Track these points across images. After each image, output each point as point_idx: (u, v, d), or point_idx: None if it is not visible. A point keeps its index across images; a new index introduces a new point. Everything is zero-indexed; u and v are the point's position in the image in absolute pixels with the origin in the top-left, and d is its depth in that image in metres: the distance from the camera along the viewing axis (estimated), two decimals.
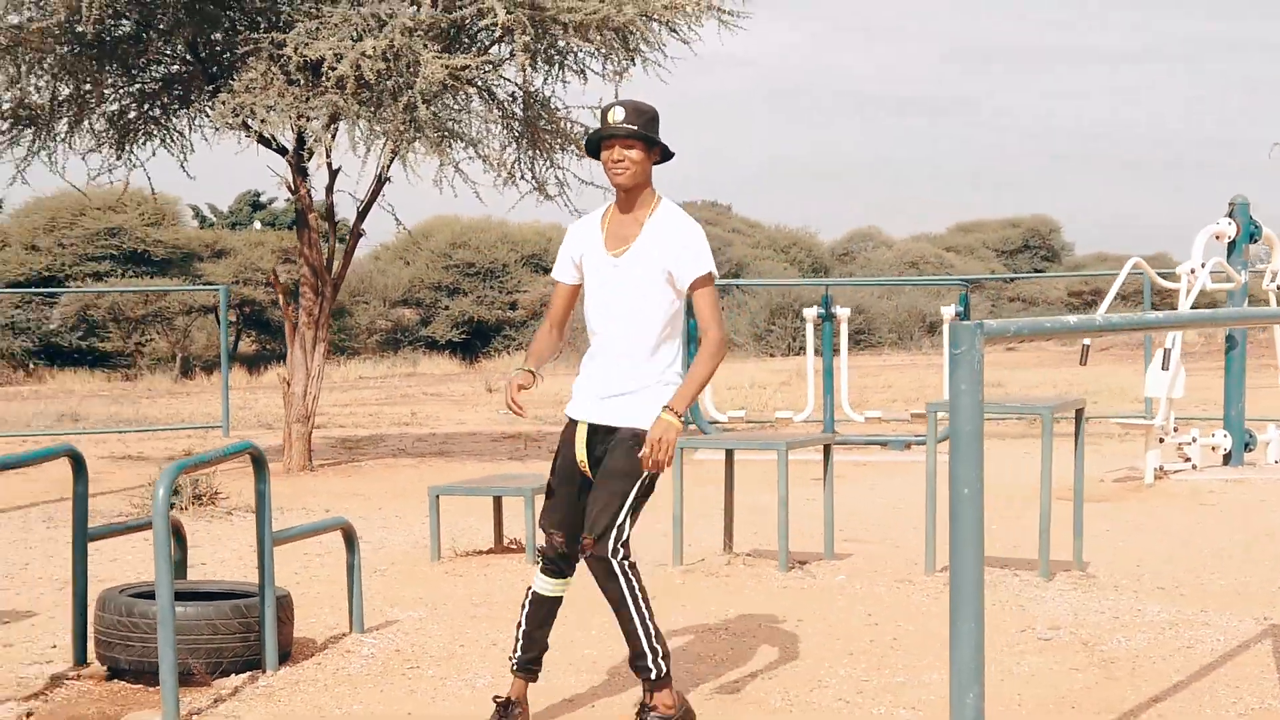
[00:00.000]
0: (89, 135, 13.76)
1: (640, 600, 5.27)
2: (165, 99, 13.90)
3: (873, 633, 6.78)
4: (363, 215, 13.98)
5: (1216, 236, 12.84)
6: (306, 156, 13.32)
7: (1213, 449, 12.52)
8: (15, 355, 30.33)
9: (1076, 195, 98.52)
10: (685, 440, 8.59)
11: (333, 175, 13.60)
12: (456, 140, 13.13)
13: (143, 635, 5.97)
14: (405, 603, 7.47)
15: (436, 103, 12.74)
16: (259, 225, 43.80)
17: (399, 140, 12.42)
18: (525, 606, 5.45)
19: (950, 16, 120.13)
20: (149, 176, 14.22)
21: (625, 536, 5.24)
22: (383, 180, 13.61)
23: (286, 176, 13.59)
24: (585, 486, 5.36)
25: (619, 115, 5.29)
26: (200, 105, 13.72)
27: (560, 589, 5.43)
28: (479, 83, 13.27)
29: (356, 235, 14.10)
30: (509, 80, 13.62)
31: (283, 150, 13.49)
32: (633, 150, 5.29)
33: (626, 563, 5.23)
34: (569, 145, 13.85)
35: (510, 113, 13.69)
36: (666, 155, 5.41)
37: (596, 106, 13.58)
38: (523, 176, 13.88)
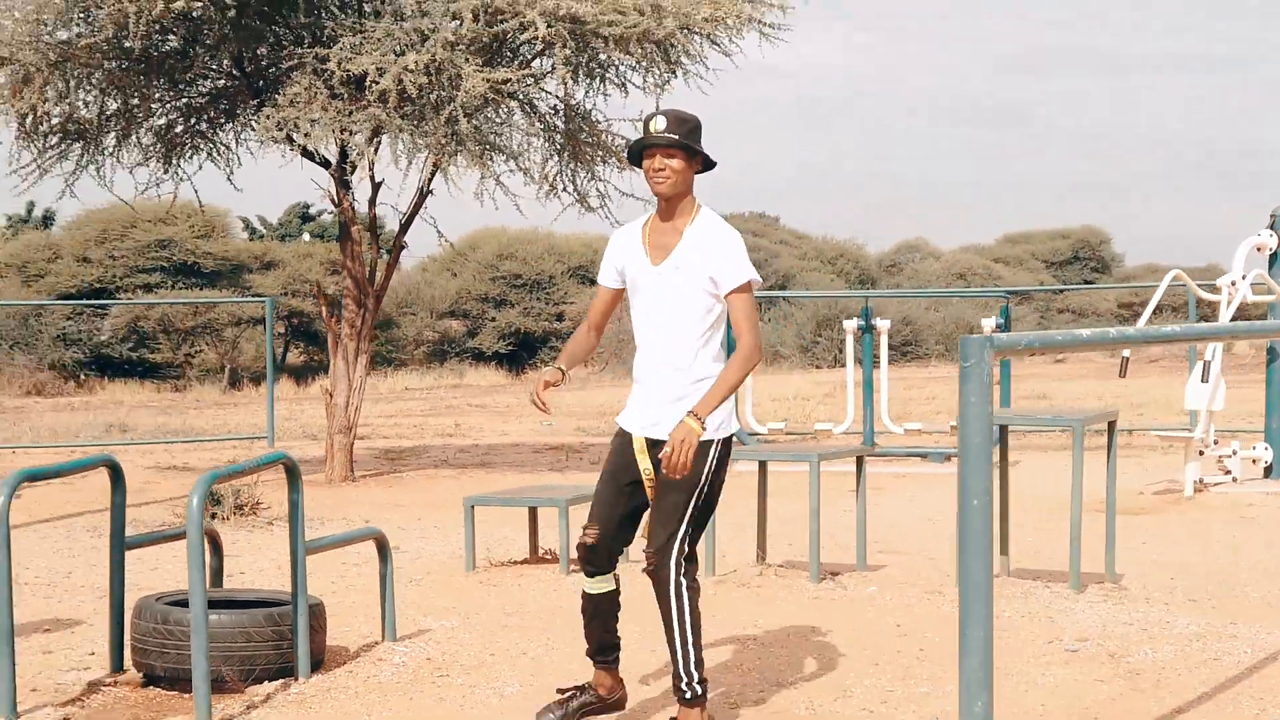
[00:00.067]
0: (136, 149, 13.94)
1: (689, 623, 5.33)
2: (211, 113, 14.07)
3: (900, 643, 6.81)
4: (405, 228, 14.11)
5: (1258, 249, 12.80)
6: (349, 170, 13.47)
7: (1253, 461, 12.48)
8: (66, 366, 30.63)
9: (1128, 206, 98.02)
10: None
11: (375, 188, 13.72)
12: (498, 153, 13.24)
13: (178, 643, 6.07)
14: (438, 612, 7.55)
15: (478, 116, 12.85)
16: (308, 237, 44.08)
17: (441, 153, 12.53)
18: (581, 604, 5.57)
19: (1001, 25, 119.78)
20: (195, 190, 14.41)
21: (687, 551, 5.32)
22: (425, 193, 13.74)
23: (330, 190, 13.73)
24: (631, 490, 5.42)
25: (661, 124, 5.34)
26: (245, 119, 13.88)
27: (603, 585, 5.48)
28: (520, 96, 13.39)
29: (399, 248, 14.25)
30: (550, 93, 13.72)
31: (326, 163, 13.62)
32: (674, 159, 5.34)
33: (685, 582, 5.30)
34: (610, 157, 13.94)
35: (552, 125, 13.78)
36: (708, 165, 5.45)
37: (637, 119, 13.67)
38: (564, 189, 13.98)
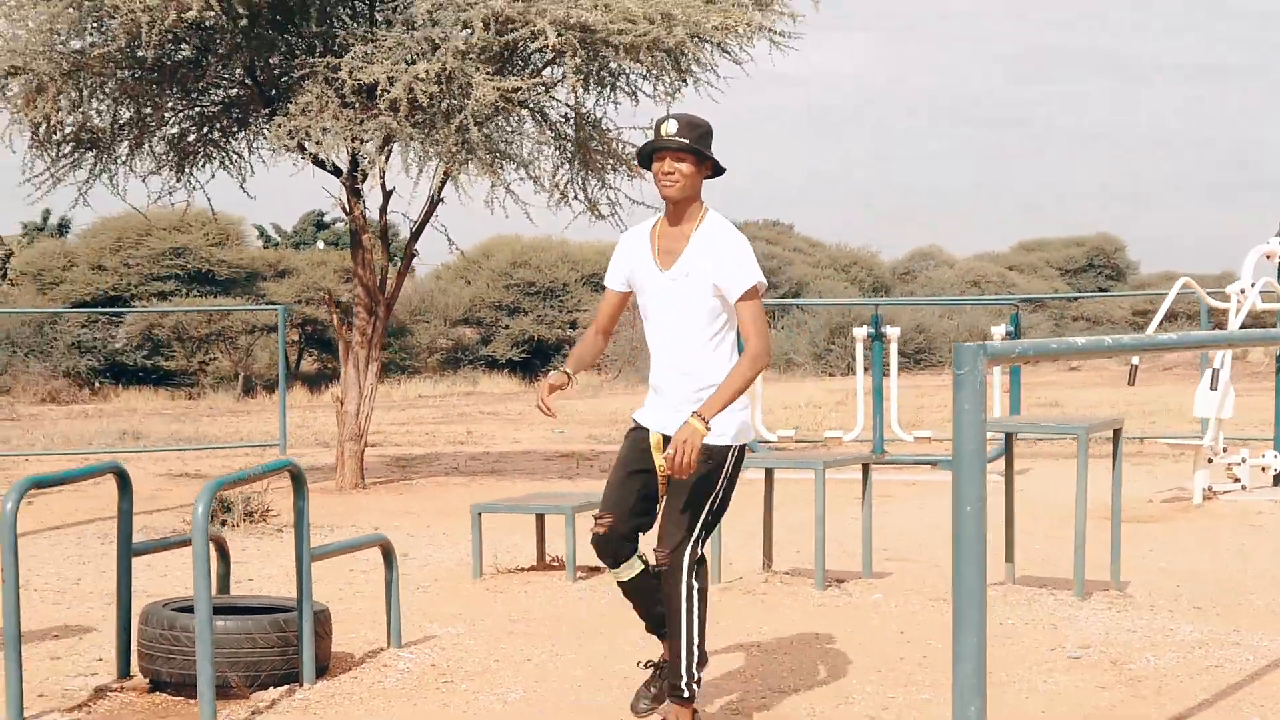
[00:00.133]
0: (149, 158, 14.00)
1: (696, 624, 5.38)
2: (224, 122, 14.13)
3: (903, 650, 6.84)
4: (416, 236, 14.16)
5: (1267, 256, 12.81)
6: (360, 178, 13.52)
7: (1262, 469, 12.47)
8: (81, 374, 30.73)
9: (1143, 213, 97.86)
10: None
11: (386, 196, 13.77)
12: (508, 161, 13.28)
13: (184, 649, 6.10)
14: (444, 618, 7.58)
15: (489, 124, 12.90)
16: (322, 245, 44.24)
17: (451, 162, 12.58)
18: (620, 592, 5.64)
19: (1015, 31, 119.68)
20: (209, 198, 14.49)
21: (699, 552, 5.38)
22: (435, 201, 13.78)
23: (341, 198, 13.79)
24: (644, 479, 5.45)
25: (672, 128, 5.36)
26: (258, 128, 13.94)
27: (629, 571, 5.50)
28: (531, 104, 13.43)
29: (410, 256, 14.30)
30: (561, 101, 13.76)
31: (337, 172, 13.68)
32: (683, 163, 5.36)
33: (696, 584, 5.35)
34: (620, 165, 13.98)
35: (562, 134, 13.83)
36: (718, 170, 5.46)
37: (648, 127, 13.70)
38: (575, 196, 14.03)
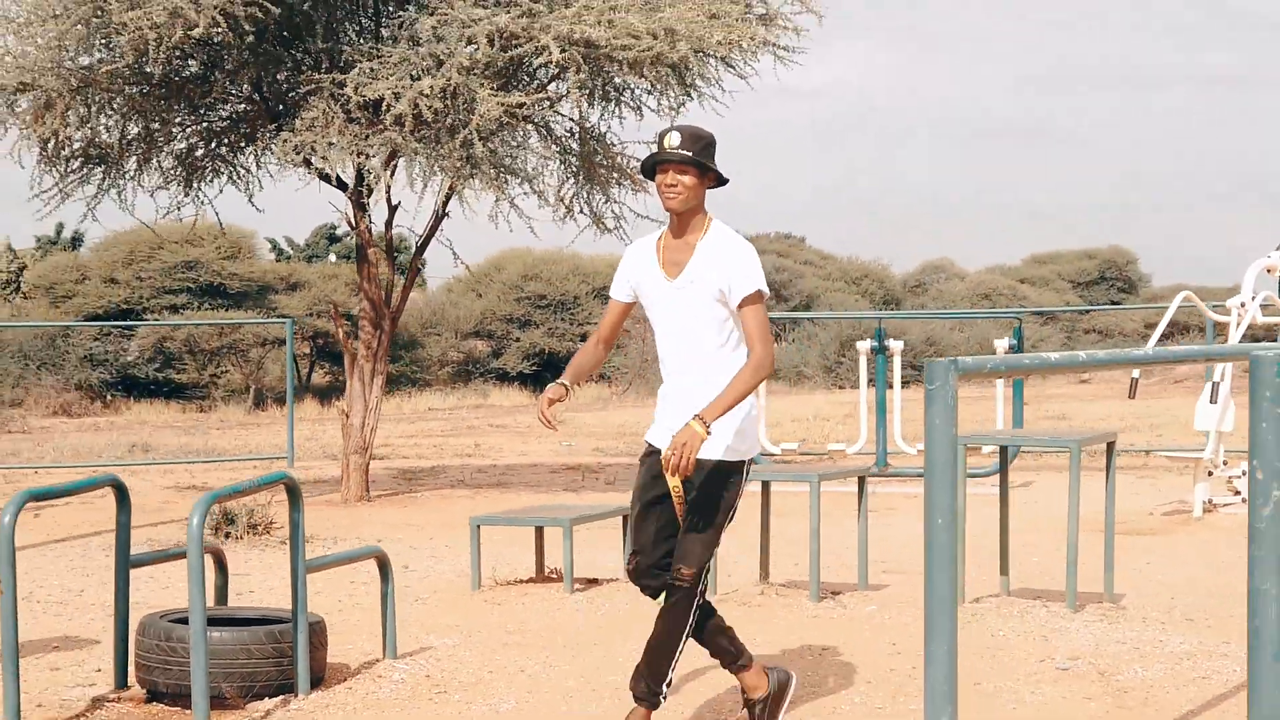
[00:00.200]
0: (157, 173, 14.12)
1: (686, 641, 5.51)
2: (231, 137, 14.24)
3: (894, 662, 6.89)
4: (420, 250, 14.25)
5: (1269, 270, 12.84)
6: (366, 193, 13.61)
7: None
8: (93, 387, 30.88)
9: (1156, 226, 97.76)
10: None
11: (392, 211, 13.86)
12: (513, 176, 13.37)
13: (180, 659, 6.18)
14: (441, 630, 7.65)
15: (493, 139, 12.98)
16: (333, 258, 44.36)
17: (456, 176, 12.66)
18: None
19: (1027, 43, 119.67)
20: (216, 213, 14.60)
21: (709, 565, 5.50)
22: (440, 216, 13.87)
23: (347, 212, 13.88)
24: (660, 507, 5.53)
25: (674, 140, 5.42)
26: (265, 142, 14.05)
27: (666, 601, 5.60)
28: (536, 119, 13.52)
29: (415, 270, 14.39)
30: (565, 116, 13.85)
31: (343, 186, 13.77)
32: (686, 175, 5.41)
33: (700, 599, 5.49)
34: (625, 179, 14.07)
35: (567, 148, 13.91)
36: (721, 181, 5.52)
37: (652, 141, 13.77)
38: (580, 210, 14.12)
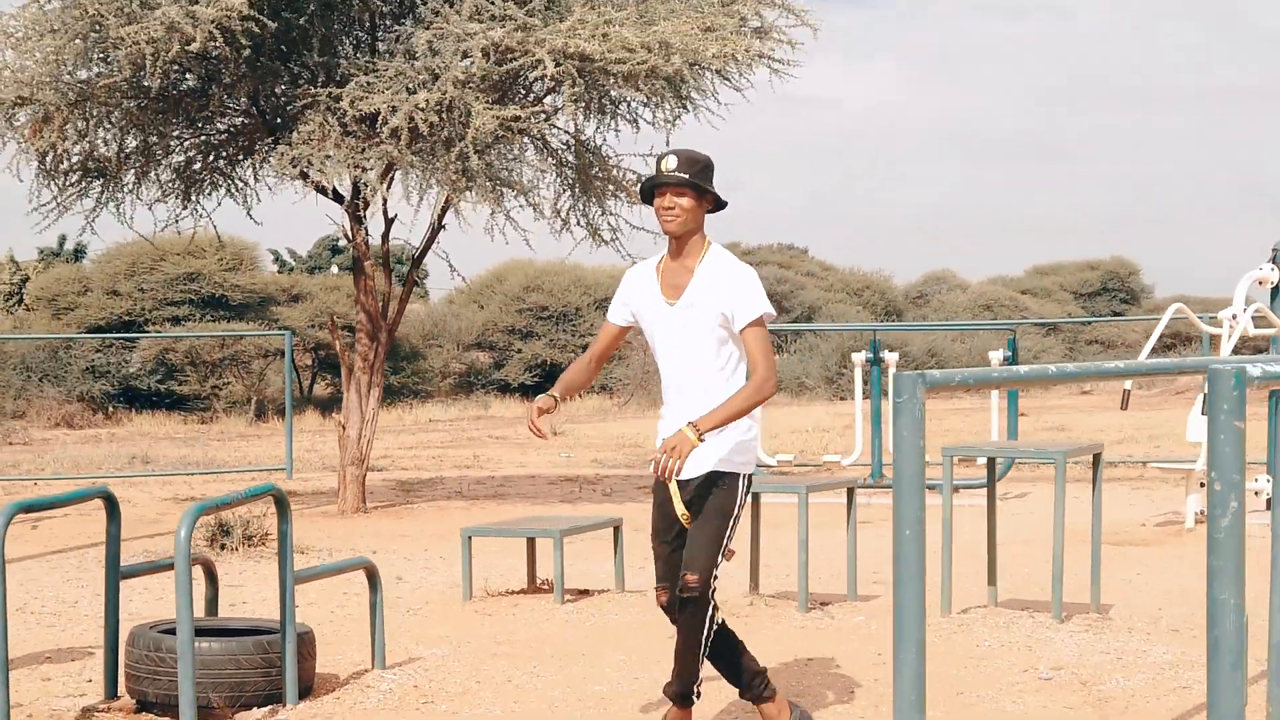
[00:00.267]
0: (155, 186, 14.20)
1: (710, 639, 5.53)
2: (229, 150, 14.32)
3: (878, 672, 6.94)
4: (417, 262, 14.33)
5: (1260, 282, 12.89)
6: (362, 205, 13.68)
7: (1254, 494, 12.55)
8: (95, 398, 30.93)
9: (1159, 239, 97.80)
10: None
11: (388, 223, 13.93)
12: (509, 189, 13.43)
13: (169, 669, 6.23)
14: (431, 640, 7.70)
15: (489, 152, 13.05)
16: (336, 270, 44.46)
17: (452, 189, 12.73)
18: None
19: (1031, 56, 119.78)
20: (214, 225, 14.66)
21: (717, 572, 5.51)
22: (437, 229, 13.94)
23: (344, 224, 13.95)
24: (677, 539, 5.62)
25: (671, 163, 5.49)
26: (263, 155, 14.12)
27: None
28: (532, 132, 13.58)
29: (411, 283, 14.45)
30: (561, 129, 13.92)
31: (340, 199, 13.84)
32: (684, 198, 5.49)
33: (715, 601, 5.50)
34: (620, 192, 14.13)
35: (563, 161, 13.98)
36: (719, 205, 5.59)
37: (648, 154, 13.86)
38: (577, 223, 14.18)
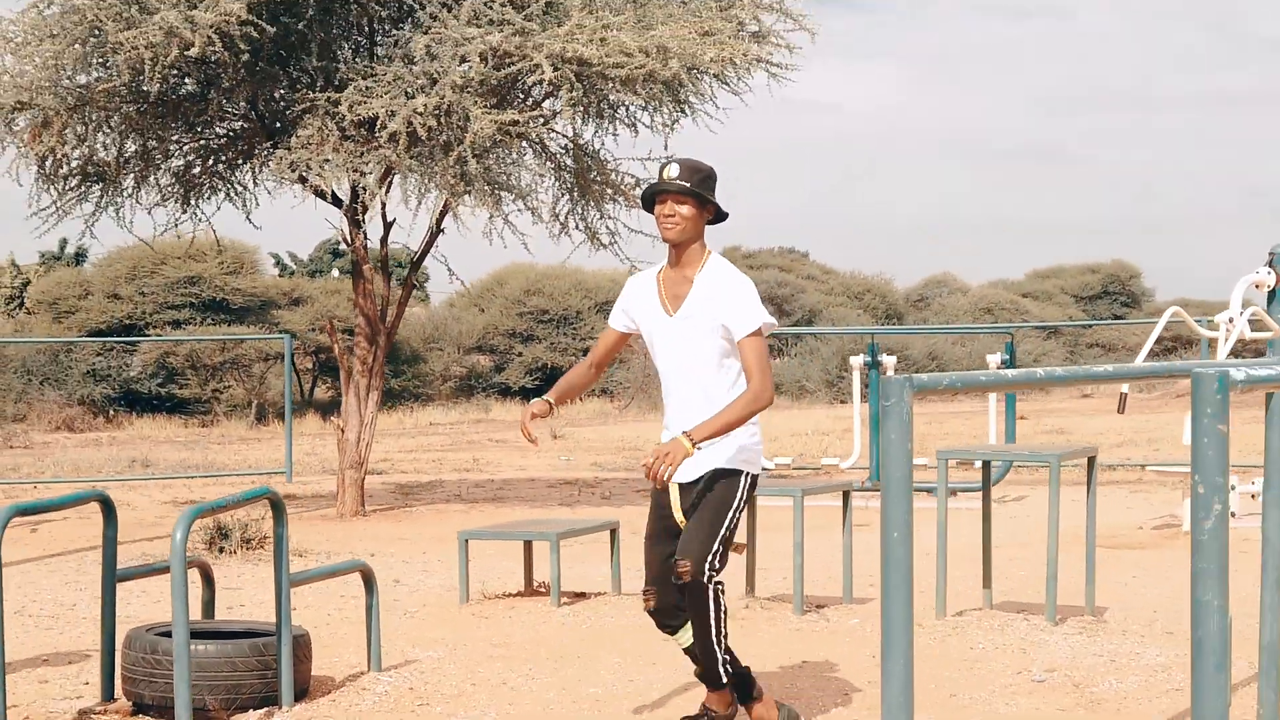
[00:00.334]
0: (155, 190, 14.24)
1: (723, 624, 5.52)
2: (228, 154, 14.35)
3: (873, 674, 6.95)
4: (416, 266, 14.36)
5: (1256, 285, 12.89)
6: (361, 209, 13.71)
7: (1252, 496, 12.57)
8: (96, 402, 30.97)
9: (1159, 240, 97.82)
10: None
11: (387, 227, 13.97)
12: (507, 193, 13.46)
13: (165, 672, 6.26)
14: (427, 643, 7.73)
15: (488, 156, 13.08)
16: (337, 273, 44.49)
17: (450, 193, 12.76)
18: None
19: (1032, 60, 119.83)
20: (214, 229, 14.71)
21: (717, 562, 5.47)
22: (435, 233, 13.97)
23: (342, 228, 13.98)
24: (669, 541, 5.63)
25: (673, 172, 5.54)
26: (262, 159, 14.16)
27: (687, 636, 5.67)
28: (530, 136, 13.61)
29: (409, 286, 14.48)
30: (559, 133, 13.94)
31: (338, 202, 13.88)
32: (684, 206, 5.53)
33: (717, 584, 5.48)
34: (619, 196, 14.16)
35: (562, 165, 14.01)
36: (720, 216, 5.63)
37: (647, 158, 13.88)
38: (575, 226, 14.21)
